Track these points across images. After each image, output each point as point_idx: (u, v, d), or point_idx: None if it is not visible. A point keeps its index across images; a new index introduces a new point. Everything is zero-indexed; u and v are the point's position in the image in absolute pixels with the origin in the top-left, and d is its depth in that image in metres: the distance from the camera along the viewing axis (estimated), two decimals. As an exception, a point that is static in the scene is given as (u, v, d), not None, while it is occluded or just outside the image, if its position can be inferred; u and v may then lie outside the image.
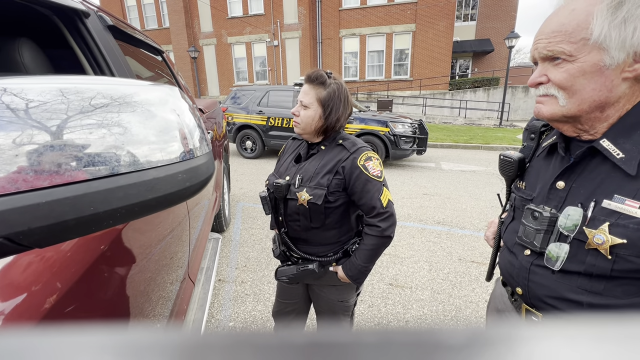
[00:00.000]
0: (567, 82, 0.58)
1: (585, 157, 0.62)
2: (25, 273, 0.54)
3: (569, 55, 0.57)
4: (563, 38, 0.57)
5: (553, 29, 0.58)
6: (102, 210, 0.32)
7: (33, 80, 0.33)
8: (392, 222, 1.09)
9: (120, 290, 0.76)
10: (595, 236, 0.57)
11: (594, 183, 0.60)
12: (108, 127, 0.35)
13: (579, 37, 0.55)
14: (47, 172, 0.30)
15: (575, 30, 0.55)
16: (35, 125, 0.31)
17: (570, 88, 0.58)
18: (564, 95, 0.59)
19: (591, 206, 0.59)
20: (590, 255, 0.58)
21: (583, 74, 0.56)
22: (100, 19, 1.02)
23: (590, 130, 0.62)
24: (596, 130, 0.61)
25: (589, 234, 0.58)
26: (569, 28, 0.56)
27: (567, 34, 0.56)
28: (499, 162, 0.81)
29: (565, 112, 0.60)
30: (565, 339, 0.12)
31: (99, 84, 0.38)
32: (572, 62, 0.57)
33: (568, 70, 0.57)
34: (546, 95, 0.62)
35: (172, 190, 0.37)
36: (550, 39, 0.58)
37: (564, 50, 0.57)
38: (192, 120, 0.44)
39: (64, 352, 0.13)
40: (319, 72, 1.09)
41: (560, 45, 0.57)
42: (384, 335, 0.13)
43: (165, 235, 1.08)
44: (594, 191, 0.59)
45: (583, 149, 0.62)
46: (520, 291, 0.71)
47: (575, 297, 0.61)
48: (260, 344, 0.13)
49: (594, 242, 0.57)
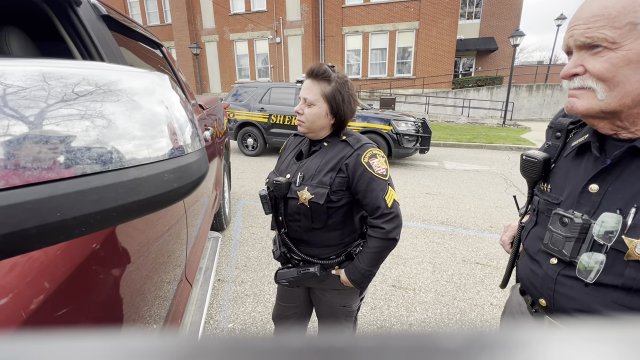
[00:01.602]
0: (609, 72, 0.52)
1: (624, 158, 0.57)
2: (10, 273, 0.50)
3: (611, 43, 0.51)
4: (605, 22, 0.51)
5: (594, 13, 0.52)
6: (71, 216, 0.27)
7: (14, 63, 0.28)
8: (398, 223, 1.03)
9: (114, 291, 0.72)
10: (637, 246, 0.52)
11: (635, 187, 0.54)
12: (89, 118, 0.30)
13: (624, 21, 0.49)
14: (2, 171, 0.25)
15: (620, 13, 0.50)
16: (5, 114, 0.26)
17: (612, 80, 0.52)
18: (604, 88, 0.54)
19: (632, 212, 0.53)
20: (630, 267, 0.53)
21: (628, 64, 0.50)
22: (94, 7, 0.97)
23: (630, 127, 0.56)
24: (638, 128, 0.56)
25: (629, 243, 0.53)
26: (612, 11, 0.50)
27: (610, 18, 0.50)
28: (521, 162, 0.75)
29: (604, 107, 0.55)
30: (565, 343, 0.12)
31: (86, 68, 0.33)
32: (615, 50, 0.51)
33: (610, 60, 0.52)
34: (582, 88, 0.56)
35: (157, 192, 0.32)
36: (590, 24, 0.52)
37: (606, 37, 0.51)
38: (182, 114, 0.39)
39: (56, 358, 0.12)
40: (323, 66, 1.02)
41: (602, 31, 0.51)
42: (382, 339, 0.13)
43: (162, 233, 1.03)
44: (635, 196, 0.54)
45: (622, 149, 0.56)
46: (544, 302, 0.66)
47: (609, 312, 0.56)
48: (256, 348, 0.13)
49: (635, 253, 0.52)
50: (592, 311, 0.58)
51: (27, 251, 0.27)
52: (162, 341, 0.13)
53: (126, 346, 0.13)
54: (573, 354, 0.11)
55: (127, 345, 0.13)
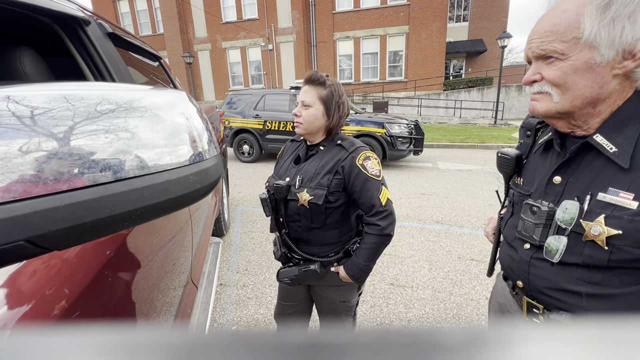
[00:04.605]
0: (560, 79, 0.60)
1: (580, 152, 0.64)
2: (32, 280, 0.55)
3: (561, 54, 0.59)
4: (555, 37, 0.59)
5: (545, 29, 0.60)
6: (118, 212, 0.33)
7: (37, 88, 0.34)
8: (392, 220, 1.10)
9: (127, 296, 0.77)
10: (592, 228, 0.59)
11: (589, 177, 0.62)
12: (119, 132, 0.36)
13: (570, 36, 0.57)
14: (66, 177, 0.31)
15: (566, 29, 0.58)
16: (48, 132, 0.32)
17: (563, 85, 0.60)
18: (558, 92, 0.61)
19: (587, 199, 0.61)
20: (588, 246, 0.60)
21: (575, 72, 0.58)
22: (100, 26, 1.03)
23: (583, 125, 0.64)
24: (589, 126, 0.63)
25: (585, 226, 0.60)
26: (560, 28, 0.58)
27: (559, 34, 0.58)
28: (497, 159, 0.82)
29: (559, 109, 0.62)
30: (562, 340, 0.12)
31: (103, 90, 0.39)
32: (564, 60, 0.59)
33: (561, 68, 0.60)
34: (540, 92, 0.64)
35: (185, 191, 0.38)
36: (543, 38, 0.60)
37: (556, 49, 0.59)
38: (200, 123, 0.45)
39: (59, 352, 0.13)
40: (319, 73, 1.12)
41: (553, 45, 0.59)
42: (382, 336, 0.13)
43: (168, 240, 1.08)
44: (589, 185, 0.61)
45: (577, 145, 0.64)
46: (520, 284, 0.73)
47: (574, 288, 0.63)
48: (257, 344, 0.13)
49: (591, 234, 0.59)
50: (560, 289, 0.65)
51: (83, 242, 0.33)
52: (169, 336, 0.13)
53: (134, 340, 0.13)
54: (570, 352, 0.12)
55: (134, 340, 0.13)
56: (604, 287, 0.60)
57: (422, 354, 0.12)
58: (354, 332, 0.13)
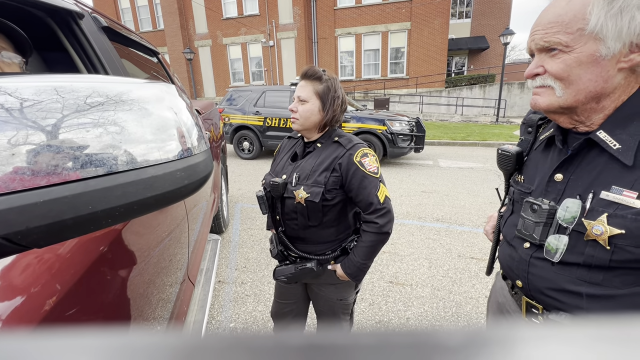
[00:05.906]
0: (564, 72, 0.58)
1: (583, 149, 0.63)
2: (24, 275, 0.54)
3: (565, 46, 0.57)
4: (560, 29, 0.57)
5: (550, 20, 0.58)
6: (100, 209, 0.32)
7: (27, 79, 0.33)
8: (390, 218, 1.09)
9: (121, 292, 0.76)
10: (594, 227, 0.57)
11: (591, 175, 0.60)
12: (105, 125, 0.35)
13: (575, 27, 0.55)
14: (45, 172, 0.30)
15: (571, 20, 0.56)
16: (31, 125, 0.31)
17: (567, 78, 0.58)
18: (561, 86, 0.60)
19: (589, 198, 0.59)
20: (589, 246, 0.59)
21: (579, 65, 0.57)
22: (95, 20, 1.01)
23: (586, 121, 0.62)
24: (592, 122, 0.61)
25: (587, 225, 0.58)
26: (565, 19, 0.56)
27: (563, 25, 0.56)
28: (497, 156, 0.81)
29: (562, 103, 0.61)
30: (563, 340, 0.12)
31: (94, 82, 0.38)
32: (568, 53, 0.57)
33: (565, 61, 0.58)
34: (543, 86, 0.62)
35: (171, 188, 0.37)
36: (547, 30, 0.58)
37: (560, 41, 0.57)
38: (189, 119, 0.44)
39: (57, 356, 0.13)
40: (315, 68, 1.10)
41: (557, 36, 0.57)
42: (381, 336, 0.13)
43: (164, 237, 1.07)
44: (592, 183, 0.60)
45: (580, 141, 0.62)
46: (520, 284, 0.71)
47: (574, 288, 0.62)
48: (255, 346, 0.13)
49: (592, 233, 0.57)
50: (560, 289, 0.63)
51: (64, 239, 0.32)
52: (165, 339, 0.13)
53: (130, 343, 0.13)
54: (572, 352, 0.11)
55: (130, 343, 0.13)
56: (604, 288, 0.59)
57: (422, 355, 0.12)
58: (353, 333, 0.13)
